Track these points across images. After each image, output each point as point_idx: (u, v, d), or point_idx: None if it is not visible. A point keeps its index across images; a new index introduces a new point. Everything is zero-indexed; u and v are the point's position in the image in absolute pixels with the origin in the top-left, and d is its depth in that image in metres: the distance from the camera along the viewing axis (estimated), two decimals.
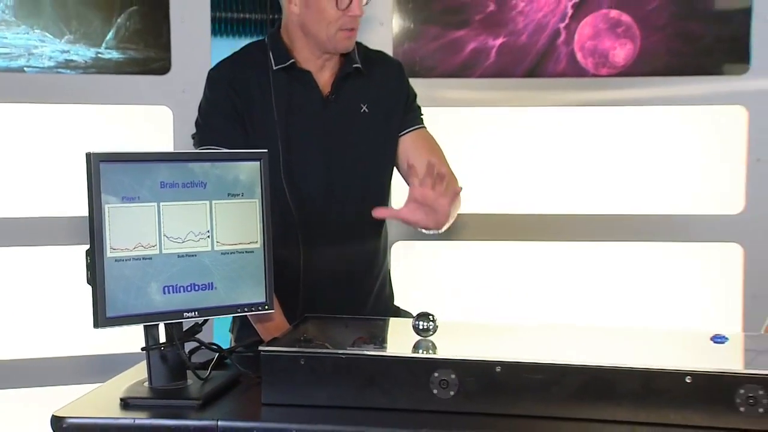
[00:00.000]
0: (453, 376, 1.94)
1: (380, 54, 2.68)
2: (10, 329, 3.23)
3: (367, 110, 2.53)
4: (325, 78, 2.52)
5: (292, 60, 2.49)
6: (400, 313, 2.64)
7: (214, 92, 2.52)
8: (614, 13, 3.33)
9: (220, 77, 2.54)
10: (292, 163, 2.46)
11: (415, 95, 2.64)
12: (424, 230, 2.37)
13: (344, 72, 2.52)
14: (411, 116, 2.62)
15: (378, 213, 2.34)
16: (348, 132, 2.52)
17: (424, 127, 2.63)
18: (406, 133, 2.59)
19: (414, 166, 2.39)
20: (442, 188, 2.25)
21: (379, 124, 2.56)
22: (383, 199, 2.60)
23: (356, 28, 2.45)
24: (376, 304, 2.63)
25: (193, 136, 2.54)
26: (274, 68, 2.47)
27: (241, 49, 2.61)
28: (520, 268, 3.41)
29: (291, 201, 2.43)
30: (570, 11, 3.33)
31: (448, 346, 2.09)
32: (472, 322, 2.44)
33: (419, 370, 1.95)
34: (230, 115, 2.47)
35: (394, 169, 2.62)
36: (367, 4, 2.46)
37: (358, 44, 2.57)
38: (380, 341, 2.16)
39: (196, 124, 2.54)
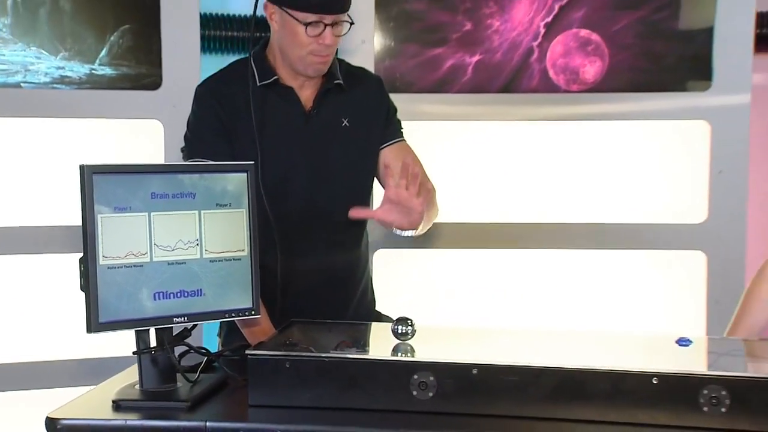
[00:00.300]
0: (432, 378, 1.93)
1: (361, 70, 2.67)
2: (6, 333, 3.20)
3: (348, 124, 2.52)
4: (307, 94, 2.51)
5: (276, 77, 2.47)
6: (381, 318, 2.63)
7: (201, 107, 2.51)
8: (584, 32, 3.34)
9: (206, 93, 2.52)
10: (276, 175, 2.45)
11: (395, 109, 2.63)
12: (399, 231, 2.37)
13: (326, 88, 2.51)
14: (391, 129, 2.61)
15: (354, 213, 2.35)
16: (329, 145, 2.51)
17: (404, 140, 2.62)
18: (387, 146, 2.58)
19: (389, 167, 2.42)
20: (416, 189, 2.26)
21: (359, 137, 2.55)
22: (362, 204, 2.57)
23: (330, 55, 2.43)
24: (359, 309, 2.61)
25: (183, 149, 2.53)
26: (258, 84, 2.46)
27: (227, 66, 2.60)
28: (495, 275, 3.41)
29: (270, 211, 2.40)
30: (542, 30, 3.33)
31: (427, 350, 2.09)
32: (450, 327, 2.44)
33: (399, 373, 1.95)
34: (217, 129, 2.46)
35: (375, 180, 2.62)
36: (346, 33, 2.43)
37: (340, 61, 2.56)
38: (362, 345, 2.16)
39: (185, 137, 2.53)
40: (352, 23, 2.42)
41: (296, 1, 2.34)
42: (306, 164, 2.49)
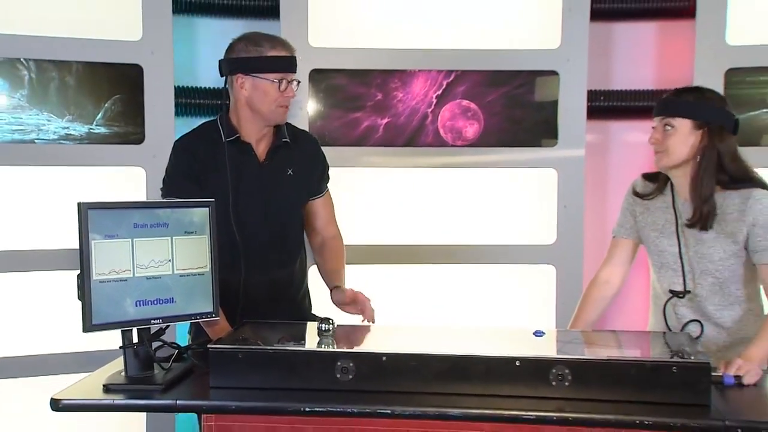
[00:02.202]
0: (351, 364, 1.95)
1: (303, 132, 2.66)
2: (21, 333, 3.14)
3: (292, 173, 2.51)
4: (261, 148, 2.49)
5: (237, 135, 2.46)
6: (316, 319, 2.61)
7: (177, 158, 2.49)
8: (465, 102, 3.37)
9: (182, 147, 2.50)
10: (240, 210, 2.43)
11: (327, 166, 2.64)
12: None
13: (276, 144, 2.50)
14: (323, 183, 2.62)
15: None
16: (278, 188, 2.50)
17: (327, 191, 2.64)
18: (317, 197, 2.60)
19: (317, 213, 2.61)
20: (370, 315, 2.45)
21: (299, 184, 2.54)
22: (299, 235, 2.61)
23: (289, 106, 2.45)
24: (300, 312, 2.59)
25: (161, 189, 2.51)
26: (224, 140, 2.44)
27: (198, 126, 2.58)
28: (399, 283, 3.41)
29: (238, 237, 2.40)
30: (434, 100, 3.36)
31: (347, 343, 2.12)
32: (365, 325, 2.43)
33: (326, 360, 1.96)
34: (189, 175, 2.44)
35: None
36: (297, 89, 2.46)
37: (288, 124, 2.55)
38: (298, 339, 2.15)
39: (164, 180, 2.50)
40: (299, 81, 2.46)
41: (268, 66, 2.38)
42: (263, 202, 2.48)
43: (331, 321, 2.10)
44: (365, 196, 3.36)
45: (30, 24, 3.06)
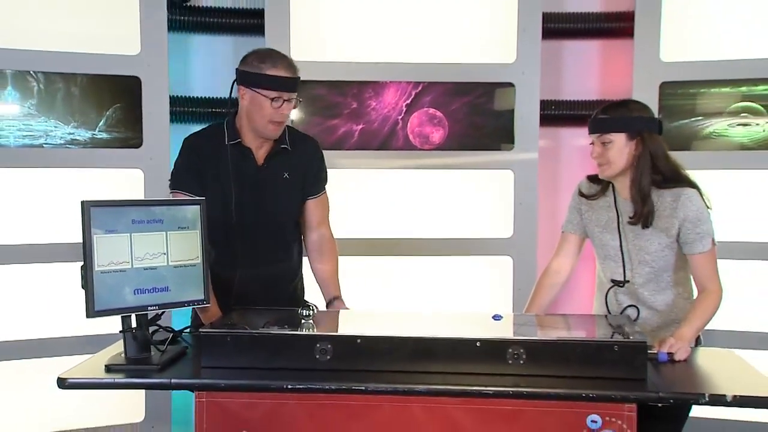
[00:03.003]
0: (329, 346, 1.94)
1: (303, 135, 2.59)
2: (32, 318, 3.12)
3: (288, 176, 2.45)
4: (261, 153, 2.43)
5: (239, 139, 2.41)
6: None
7: (184, 155, 2.44)
8: (432, 110, 3.38)
9: (189, 145, 2.45)
10: (237, 208, 2.39)
11: (323, 169, 2.56)
12: None
13: (274, 150, 2.44)
14: (320, 185, 2.54)
15: None
16: (273, 191, 2.45)
17: (325, 192, 2.56)
18: (312, 198, 2.52)
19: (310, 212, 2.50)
20: None
21: (295, 186, 2.48)
22: (295, 232, 2.55)
23: (284, 122, 2.39)
24: (292, 299, 2.52)
25: (169, 180, 2.45)
26: (227, 143, 2.40)
27: (208, 126, 2.53)
28: (372, 274, 3.39)
29: (236, 233, 2.37)
30: (404, 109, 3.37)
31: (326, 327, 2.12)
32: (343, 310, 2.41)
33: (307, 342, 1.95)
34: (194, 171, 2.39)
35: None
36: (296, 106, 2.40)
37: (289, 128, 2.49)
38: (282, 324, 2.13)
39: (171, 173, 2.45)
40: (300, 100, 2.41)
41: (265, 84, 2.31)
42: (259, 202, 2.43)
43: (311, 307, 2.09)
44: (341, 194, 3.32)
45: (39, 40, 3.04)
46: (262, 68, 2.31)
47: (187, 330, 2.29)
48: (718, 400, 1.81)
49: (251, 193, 2.41)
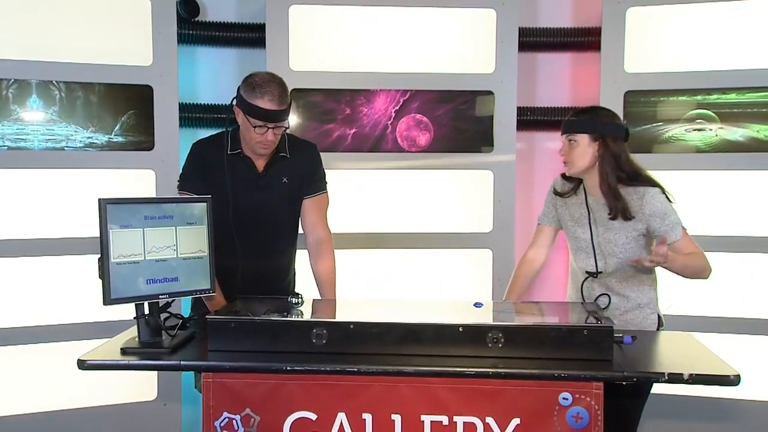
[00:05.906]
0: (324, 331, 1.94)
1: (302, 141, 2.55)
2: (54, 305, 3.10)
3: (286, 181, 2.43)
4: (260, 162, 2.41)
5: (239, 150, 2.39)
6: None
7: (190, 158, 2.43)
8: (419, 116, 3.36)
9: (196, 149, 2.44)
10: (238, 210, 2.37)
11: (321, 170, 2.52)
12: None
13: (274, 159, 2.42)
14: (315, 186, 2.50)
15: None
16: (273, 194, 2.43)
17: (324, 192, 2.52)
18: (308, 197, 2.49)
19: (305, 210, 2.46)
20: None
21: (293, 190, 2.46)
22: (293, 231, 2.53)
23: (271, 145, 2.33)
24: (285, 292, 2.50)
25: (178, 181, 2.44)
26: (228, 153, 2.38)
27: (216, 134, 2.49)
28: (364, 265, 3.38)
29: (234, 231, 2.35)
30: (393, 114, 3.35)
31: (322, 314, 2.12)
32: (334, 298, 2.41)
33: (303, 328, 1.95)
34: (200, 174, 2.38)
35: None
36: (284, 132, 2.35)
37: (288, 135, 2.45)
38: (281, 311, 2.12)
39: (180, 176, 2.44)
40: (287, 127, 2.35)
41: (250, 112, 2.27)
42: (260, 204, 2.41)
43: (299, 296, 2.11)
44: (336, 193, 3.32)
45: (61, 53, 3.03)
46: (251, 97, 2.26)
47: (195, 317, 2.27)
48: (676, 378, 1.81)
49: (251, 199, 2.39)
